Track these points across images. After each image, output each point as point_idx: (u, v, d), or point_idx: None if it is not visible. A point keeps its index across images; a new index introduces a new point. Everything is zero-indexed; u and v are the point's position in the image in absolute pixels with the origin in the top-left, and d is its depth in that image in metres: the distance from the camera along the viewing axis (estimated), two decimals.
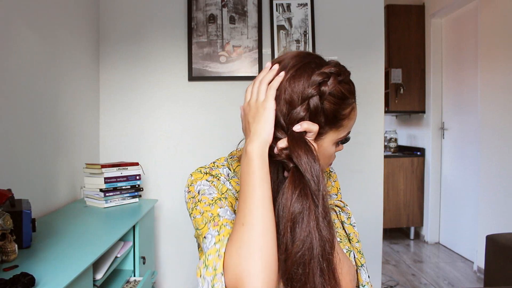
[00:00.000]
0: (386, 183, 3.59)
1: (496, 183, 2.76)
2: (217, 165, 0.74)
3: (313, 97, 0.62)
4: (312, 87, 0.61)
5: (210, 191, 0.67)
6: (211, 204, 0.64)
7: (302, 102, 0.62)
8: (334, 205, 0.79)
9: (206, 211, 0.64)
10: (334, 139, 0.68)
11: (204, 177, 0.69)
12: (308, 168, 0.58)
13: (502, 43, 2.68)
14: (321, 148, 0.67)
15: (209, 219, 0.62)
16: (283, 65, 0.65)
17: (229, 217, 0.62)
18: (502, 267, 1.69)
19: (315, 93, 0.61)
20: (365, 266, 0.74)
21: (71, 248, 1.13)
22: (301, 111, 0.62)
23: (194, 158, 2.20)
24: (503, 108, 2.69)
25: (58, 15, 1.70)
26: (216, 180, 0.69)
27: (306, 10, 2.21)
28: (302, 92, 0.62)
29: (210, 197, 0.66)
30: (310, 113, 0.62)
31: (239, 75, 2.18)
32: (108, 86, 2.19)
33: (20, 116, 1.40)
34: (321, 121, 0.64)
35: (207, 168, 0.72)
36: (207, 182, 0.68)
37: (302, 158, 0.59)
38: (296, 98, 0.62)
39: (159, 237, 2.22)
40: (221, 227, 0.60)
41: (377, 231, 2.29)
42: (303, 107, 0.62)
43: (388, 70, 3.65)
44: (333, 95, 0.63)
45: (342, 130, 0.68)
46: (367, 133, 2.25)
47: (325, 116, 0.64)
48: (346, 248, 0.73)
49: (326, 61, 0.67)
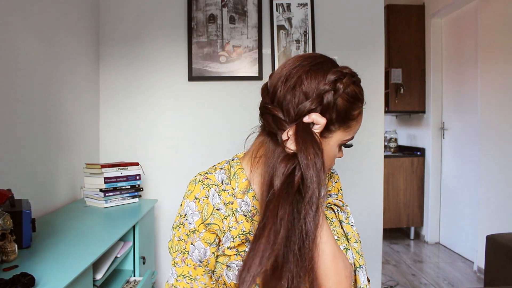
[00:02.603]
0: (386, 183, 3.59)
1: (496, 183, 2.75)
2: (216, 167, 0.74)
3: (327, 92, 0.63)
4: (327, 83, 0.63)
5: (192, 218, 0.68)
6: (188, 235, 0.68)
7: (316, 96, 0.63)
8: (333, 204, 0.79)
9: (183, 240, 0.69)
10: (340, 139, 0.69)
11: (196, 189, 0.69)
12: (312, 160, 0.60)
13: (502, 43, 2.68)
14: (327, 146, 0.68)
15: (181, 250, 0.69)
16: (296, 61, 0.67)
17: (195, 259, 0.68)
18: (502, 267, 1.68)
19: (330, 88, 0.63)
20: (363, 268, 0.73)
21: (71, 248, 1.12)
22: (313, 104, 0.63)
23: (194, 158, 2.20)
24: (503, 108, 2.69)
25: (58, 16, 1.70)
26: (204, 197, 0.69)
27: (306, 10, 2.21)
28: (317, 87, 0.63)
29: (189, 227, 0.68)
30: (322, 107, 0.63)
31: (239, 75, 2.18)
32: (108, 86, 2.19)
33: (20, 116, 1.40)
34: (332, 117, 0.65)
35: (202, 175, 0.72)
36: (194, 205, 0.68)
37: (308, 149, 0.60)
38: (310, 92, 0.63)
39: (159, 237, 2.22)
40: (180, 276, 0.68)
41: (377, 231, 2.29)
42: (316, 101, 0.63)
43: (388, 70, 3.65)
44: (347, 93, 0.65)
45: (349, 132, 0.69)
46: (367, 133, 2.25)
47: (337, 112, 0.65)
48: (343, 246, 0.73)
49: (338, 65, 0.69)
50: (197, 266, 0.68)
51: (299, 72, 0.65)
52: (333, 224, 0.76)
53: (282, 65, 0.69)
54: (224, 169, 0.73)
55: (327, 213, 0.77)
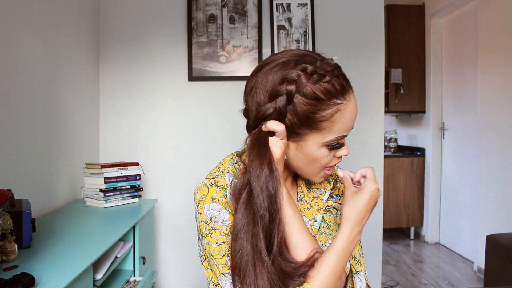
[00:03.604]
0: (386, 183, 3.59)
1: (496, 183, 2.75)
2: (222, 171, 0.71)
3: (280, 96, 0.60)
4: (282, 84, 0.60)
5: (222, 216, 0.64)
6: (227, 234, 0.64)
7: (271, 99, 0.60)
8: (332, 207, 0.78)
9: (223, 242, 0.64)
10: (319, 142, 0.64)
11: (210, 192, 0.65)
12: (256, 172, 0.59)
13: (502, 43, 2.68)
14: (304, 150, 0.65)
15: (227, 252, 0.63)
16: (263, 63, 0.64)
17: None
18: (502, 267, 1.68)
19: (282, 92, 0.60)
20: (361, 273, 0.71)
21: (71, 248, 1.12)
22: (268, 109, 0.60)
23: (194, 158, 2.20)
24: (503, 108, 2.69)
25: (58, 16, 1.70)
26: (223, 197, 0.66)
27: (306, 10, 2.21)
28: (271, 90, 0.60)
29: (224, 225, 0.64)
30: (277, 112, 0.60)
31: (239, 75, 2.18)
32: (108, 86, 2.19)
33: (20, 117, 1.40)
34: (294, 121, 0.62)
35: (211, 178, 0.68)
36: (216, 205, 0.65)
37: (254, 161, 0.59)
38: (264, 96, 0.61)
39: (159, 237, 2.22)
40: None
41: (377, 231, 2.29)
42: (271, 107, 0.60)
43: (388, 70, 3.64)
44: (304, 95, 0.60)
45: (327, 133, 0.63)
46: (367, 133, 2.25)
47: (297, 116, 0.61)
48: None
49: (325, 59, 0.64)
50: None
51: (260, 74, 0.62)
52: (330, 228, 0.74)
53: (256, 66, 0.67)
54: (231, 172, 0.71)
55: (325, 215, 0.76)
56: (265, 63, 0.64)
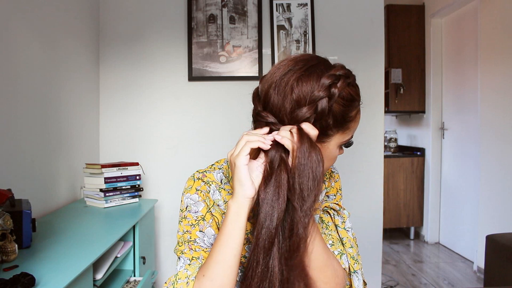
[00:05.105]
0: (386, 183, 3.60)
1: (496, 183, 2.76)
2: (214, 167, 0.75)
3: (322, 99, 0.61)
4: (321, 89, 0.60)
5: (197, 207, 0.69)
6: (193, 225, 0.69)
7: (309, 103, 0.61)
8: (329, 208, 0.78)
9: (186, 231, 0.69)
10: (339, 141, 0.67)
11: (196, 184, 0.71)
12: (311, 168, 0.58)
13: (502, 43, 2.68)
14: (327, 151, 0.67)
15: (186, 240, 0.68)
16: (287, 66, 0.64)
17: (204, 244, 0.68)
18: (502, 267, 1.69)
19: (324, 95, 0.61)
20: (359, 272, 0.73)
21: (71, 248, 1.13)
22: (307, 112, 0.61)
23: (194, 158, 2.20)
24: (503, 108, 2.69)
25: (58, 16, 1.70)
26: (206, 191, 0.71)
27: (306, 10, 2.21)
28: (310, 93, 0.61)
29: (194, 216, 0.69)
30: (316, 115, 0.61)
31: (239, 75, 2.18)
32: (108, 86, 2.19)
33: (20, 117, 1.40)
34: (329, 123, 0.63)
35: (201, 172, 0.73)
36: (196, 195, 0.70)
37: (312, 155, 0.58)
38: (303, 99, 0.61)
39: (159, 237, 2.22)
40: (193, 259, 0.66)
41: (377, 231, 2.29)
42: (310, 109, 0.61)
43: (388, 70, 3.65)
44: (342, 97, 0.63)
45: (348, 133, 0.68)
46: (367, 133, 2.25)
47: (333, 118, 0.63)
48: (338, 251, 0.72)
49: (332, 64, 0.66)
50: (207, 250, 0.68)
51: (291, 78, 0.62)
52: (329, 228, 0.75)
53: (273, 69, 0.66)
54: (223, 169, 0.74)
55: (323, 216, 0.77)
56: (289, 68, 0.63)
